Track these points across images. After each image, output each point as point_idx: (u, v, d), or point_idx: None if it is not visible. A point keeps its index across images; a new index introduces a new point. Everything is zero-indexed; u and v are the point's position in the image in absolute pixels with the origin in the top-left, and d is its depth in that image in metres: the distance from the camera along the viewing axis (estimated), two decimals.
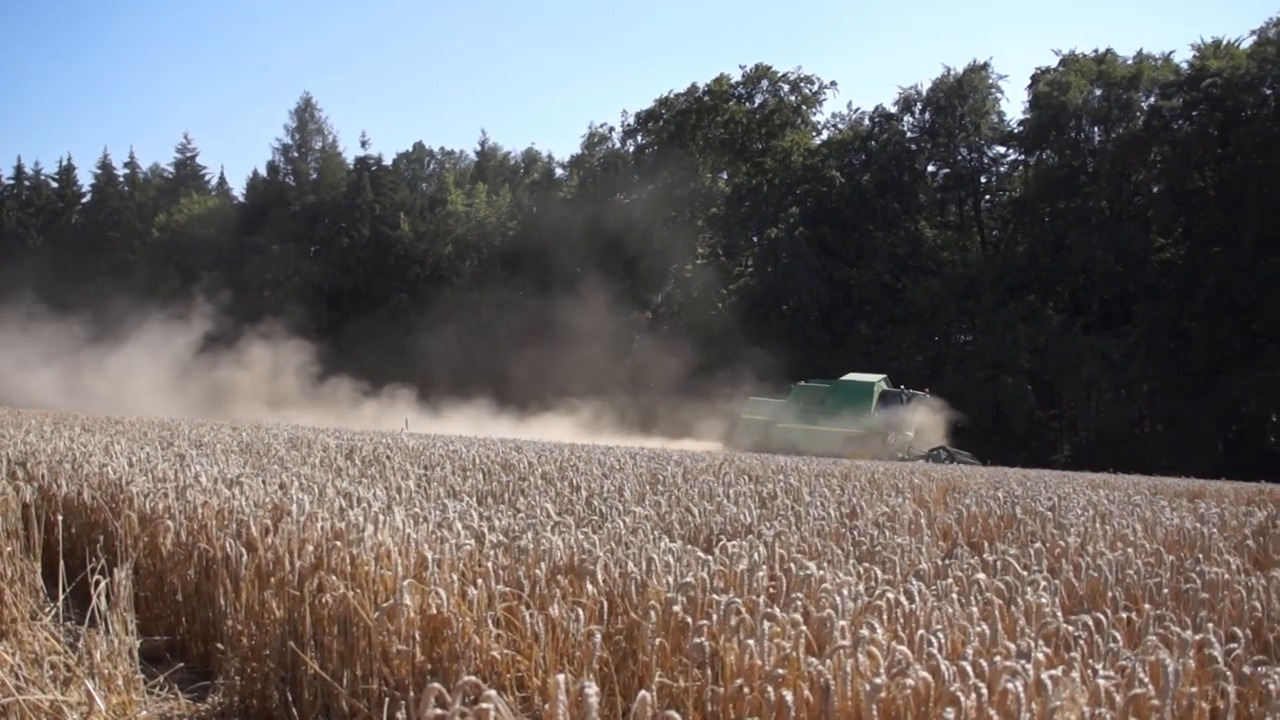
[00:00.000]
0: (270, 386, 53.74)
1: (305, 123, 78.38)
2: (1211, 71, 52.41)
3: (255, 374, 54.49)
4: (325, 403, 52.37)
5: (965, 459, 36.76)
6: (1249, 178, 50.06)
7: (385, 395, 54.14)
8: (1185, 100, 53.36)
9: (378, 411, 50.99)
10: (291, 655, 4.38)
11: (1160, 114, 53.98)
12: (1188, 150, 52.70)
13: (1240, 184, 50.55)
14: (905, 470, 16.61)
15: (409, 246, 70.45)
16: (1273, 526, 8.71)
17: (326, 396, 53.52)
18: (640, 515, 6.80)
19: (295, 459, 11.34)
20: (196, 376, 53.09)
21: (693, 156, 66.16)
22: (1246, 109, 51.36)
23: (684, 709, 3.53)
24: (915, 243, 60.68)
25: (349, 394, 54.20)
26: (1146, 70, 55.82)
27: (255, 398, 51.58)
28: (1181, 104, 53.48)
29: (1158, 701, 2.95)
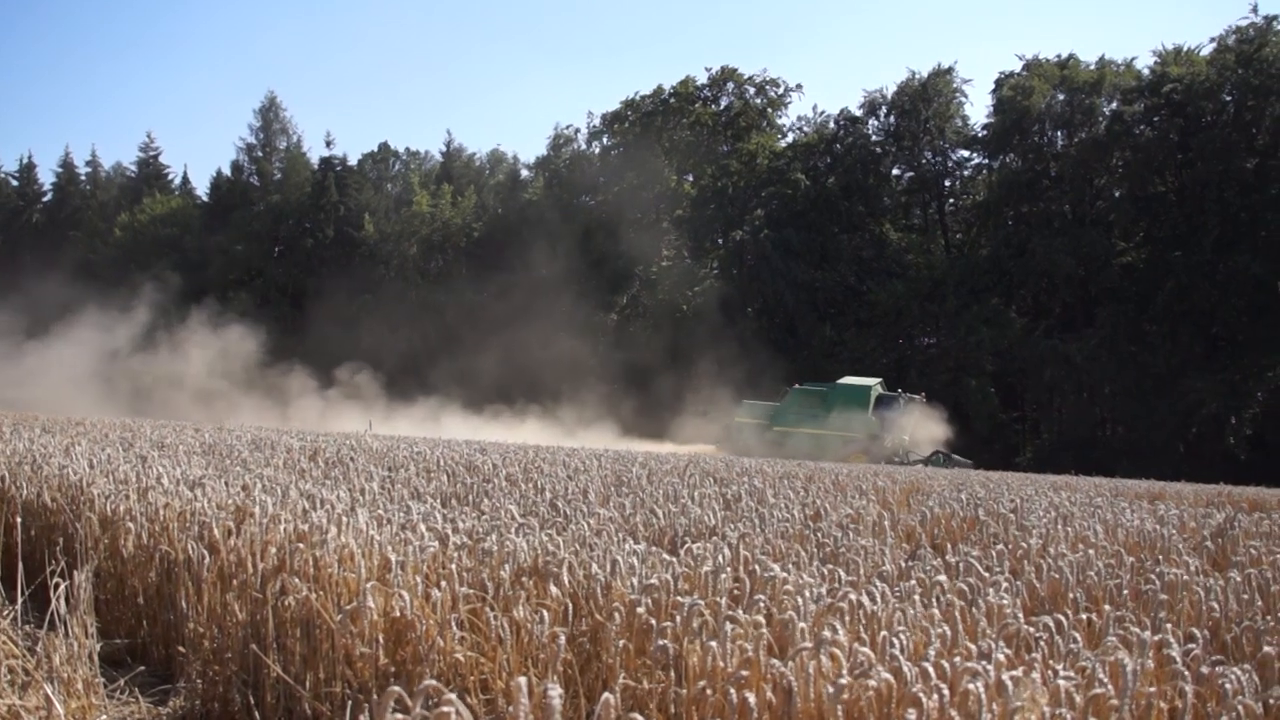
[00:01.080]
0: (211, 376, 52.22)
1: (270, 122, 77.94)
2: (1172, 78, 53.00)
3: (194, 364, 52.83)
4: (274, 393, 51.61)
5: (962, 463, 36.84)
6: (1209, 183, 50.60)
7: (339, 386, 53.46)
8: (1146, 106, 53.96)
9: (328, 406, 50.39)
10: (254, 658, 4.36)
11: (1122, 119, 54.51)
12: (1149, 155, 53.24)
13: (1200, 189, 51.08)
14: (869, 472, 16.67)
15: (374, 247, 70.17)
16: (1231, 528, 8.79)
17: (275, 386, 52.62)
18: (605, 517, 6.80)
19: (258, 460, 11.27)
20: (131, 369, 51.40)
21: (659, 158, 66.23)
22: (1206, 115, 51.96)
23: (648, 710, 3.54)
24: (880, 245, 61.00)
25: (300, 385, 53.27)
26: (1109, 75, 56.33)
27: (190, 391, 50.05)
28: (1143, 109, 54.07)
29: (1117, 701, 2.97)
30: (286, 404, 50.08)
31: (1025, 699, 2.95)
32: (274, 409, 48.82)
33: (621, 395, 54.78)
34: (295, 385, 53.11)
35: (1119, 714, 2.96)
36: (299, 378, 53.65)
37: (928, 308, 56.44)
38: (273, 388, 52.53)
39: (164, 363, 52.69)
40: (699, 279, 63.98)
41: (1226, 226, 49.88)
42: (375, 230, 70.67)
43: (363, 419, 42.64)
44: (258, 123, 78.08)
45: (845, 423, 40.20)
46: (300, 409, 49.38)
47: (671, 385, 54.24)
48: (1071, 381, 52.22)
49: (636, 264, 64.99)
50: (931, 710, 2.84)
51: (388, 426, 40.27)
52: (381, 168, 78.56)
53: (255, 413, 45.69)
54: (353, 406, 49.27)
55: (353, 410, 47.91)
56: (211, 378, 52.02)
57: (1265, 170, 50.28)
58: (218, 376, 52.15)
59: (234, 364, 53.44)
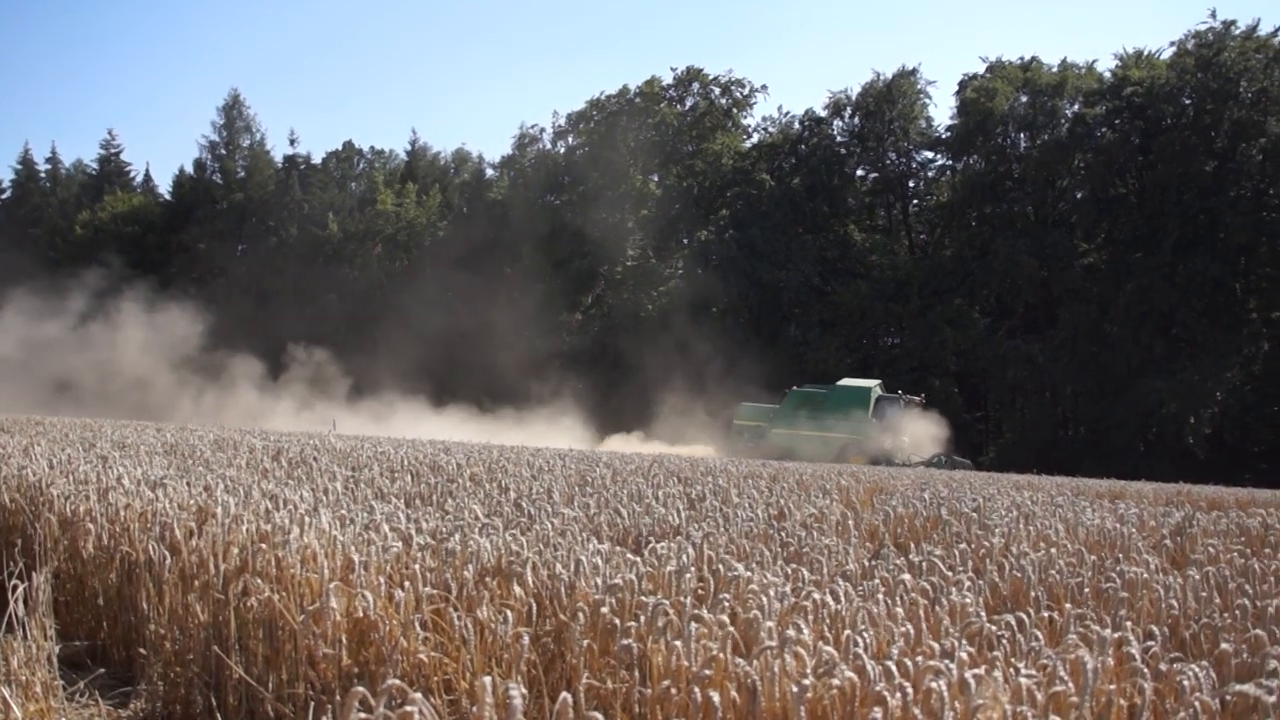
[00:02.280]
0: (143, 359, 50.00)
1: (233, 120, 77.26)
2: (1133, 81, 53.49)
3: (126, 350, 50.25)
4: (213, 375, 50.73)
5: (964, 465, 36.77)
6: (1169, 185, 51.08)
7: (292, 376, 52.81)
8: (1108, 108, 54.41)
9: (278, 401, 49.64)
10: (216, 659, 4.33)
11: (1084, 121, 54.94)
12: (1110, 157, 53.66)
13: (1160, 191, 51.58)
14: (833, 471, 16.73)
15: (338, 246, 69.78)
16: (1189, 527, 8.88)
17: (214, 367, 51.66)
18: (569, 517, 6.80)
19: (221, 461, 11.21)
20: (56, 357, 48.68)
21: (624, 158, 66.17)
22: (1166, 118, 52.45)
23: (612, 710, 3.54)
24: (844, 246, 61.21)
25: (242, 371, 52.19)
26: (1071, 78, 56.81)
27: (128, 379, 48.07)
28: (1104, 112, 54.51)
29: (1077, 699, 2.99)
30: (230, 394, 49.03)
31: (987, 697, 2.97)
32: (224, 402, 47.90)
33: (589, 394, 54.69)
34: (239, 371, 52.06)
35: (1079, 711, 2.99)
36: (240, 368, 52.44)
37: (891, 308, 56.69)
38: (214, 367, 51.61)
39: (95, 350, 49.92)
40: (664, 279, 64.04)
41: (1186, 228, 50.37)
42: (339, 229, 70.29)
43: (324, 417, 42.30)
44: (221, 120, 77.41)
45: (845, 425, 40.01)
46: (241, 399, 48.44)
47: (638, 386, 54.27)
48: (1034, 381, 52.63)
49: (602, 264, 64.98)
50: (895, 709, 2.86)
51: (348, 425, 39.90)
52: (346, 166, 78.13)
53: (194, 405, 44.58)
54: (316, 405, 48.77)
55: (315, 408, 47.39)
56: (148, 366, 50.09)
57: (1224, 173, 50.81)
58: (163, 366, 50.48)
59: (174, 350, 51.74)
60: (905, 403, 41.76)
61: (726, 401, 48.11)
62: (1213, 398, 48.50)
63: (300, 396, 50.41)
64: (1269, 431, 48.20)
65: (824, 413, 40.98)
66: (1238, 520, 9.71)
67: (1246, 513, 10.81)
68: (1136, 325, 50.48)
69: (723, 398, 48.72)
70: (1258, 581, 5.54)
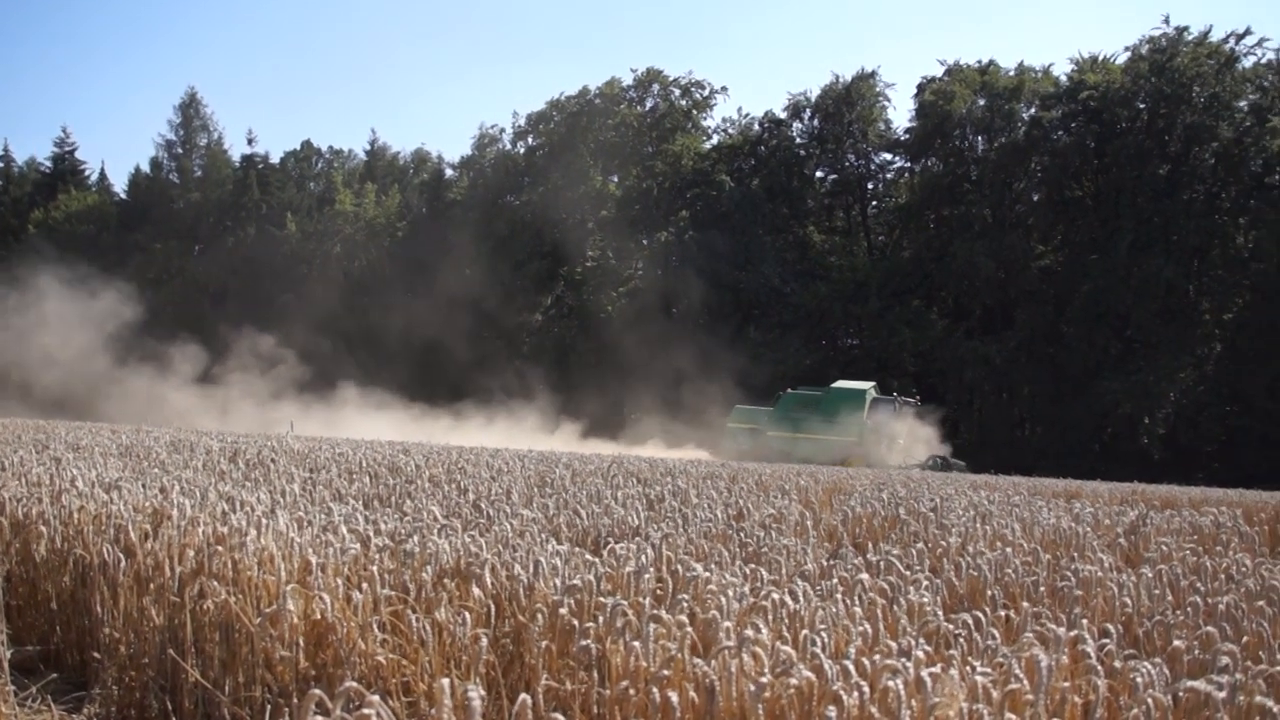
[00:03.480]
0: (64, 343, 47.60)
1: (190, 119, 76.60)
2: (1088, 85, 54.03)
3: (52, 333, 47.94)
4: (158, 365, 49.81)
5: (960, 467, 36.63)
6: (1123, 188, 51.64)
7: (229, 361, 52.04)
8: (1064, 112, 54.97)
9: (227, 397, 48.82)
10: (171, 663, 4.30)
11: (1040, 124, 55.47)
12: (1066, 160, 54.22)
13: (1115, 194, 52.11)
14: (792, 472, 16.78)
15: (296, 246, 69.37)
16: (1143, 525, 8.97)
17: (149, 350, 50.61)
18: (528, 518, 6.79)
19: (177, 462, 11.12)
20: None
21: (583, 159, 66.11)
22: (1121, 122, 53.01)
23: (571, 711, 3.54)
24: (803, 247, 61.44)
25: (180, 360, 50.98)
26: (1027, 82, 57.30)
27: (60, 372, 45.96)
28: (1060, 115, 55.07)
29: (1032, 696, 3.02)
30: (167, 384, 48.19)
31: (944, 695, 2.99)
32: (160, 394, 47.14)
33: (553, 395, 54.52)
34: (178, 357, 51.01)
35: (1034, 709, 3.01)
36: (178, 357, 51.24)
37: (850, 309, 56.93)
38: (147, 350, 50.72)
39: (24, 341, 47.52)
40: (624, 280, 64.06)
41: (1140, 231, 50.92)
42: (298, 229, 69.91)
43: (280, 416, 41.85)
44: (178, 119, 76.72)
45: (840, 427, 39.80)
46: (178, 394, 47.75)
47: (598, 388, 54.25)
48: (991, 382, 53.02)
49: (561, 265, 64.95)
50: (852, 707, 2.87)
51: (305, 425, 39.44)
52: (304, 166, 77.73)
53: (124, 404, 43.52)
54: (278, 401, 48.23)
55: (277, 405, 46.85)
56: (76, 356, 47.75)
57: (1177, 176, 51.43)
58: (91, 354, 48.26)
59: (114, 339, 49.89)
60: (900, 404, 41.61)
61: (691, 403, 48.17)
62: (1167, 398, 48.98)
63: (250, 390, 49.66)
64: (1221, 431, 48.74)
65: (818, 415, 40.76)
66: (1190, 519, 9.83)
67: (1199, 511, 10.93)
68: (1092, 326, 51.02)
69: (687, 399, 48.77)
70: (1209, 579, 5.61)
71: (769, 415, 42.31)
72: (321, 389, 51.91)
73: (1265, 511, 12.19)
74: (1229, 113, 51.42)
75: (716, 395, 47.42)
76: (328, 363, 57.37)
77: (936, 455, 38.96)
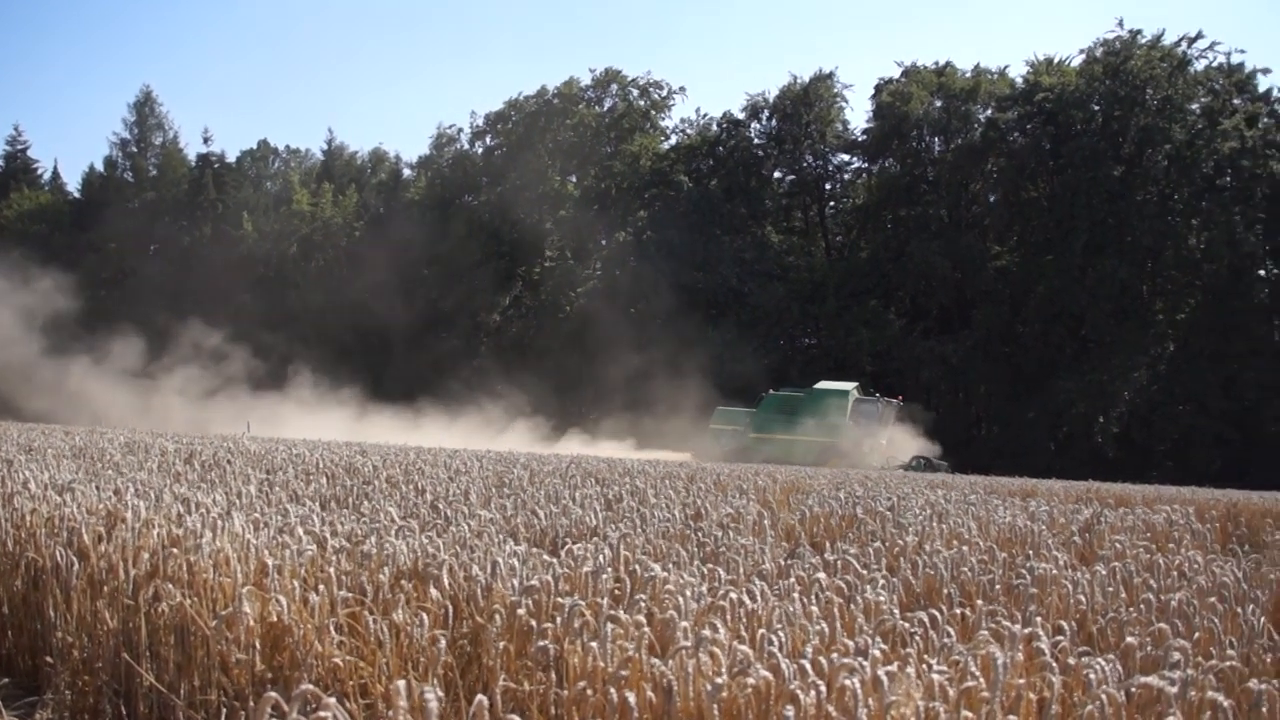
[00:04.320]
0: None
1: (145, 117, 75.83)
2: (1044, 87, 54.60)
3: None
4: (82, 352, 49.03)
5: (943, 468, 36.53)
6: (1078, 189, 52.09)
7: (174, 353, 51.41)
8: (1020, 114, 55.43)
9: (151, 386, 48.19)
10: (125, 667, 4.26)
11: (996, 126, 55.92)
12: (1022, 161, 54.72)
13: (1070, 195, 52.56)
14: (750, 471, 16.82)
15: (253, 246, 68.85)
16: (1097, 523, 9.06)
17: (85, 345, 49.93)
18: (486, 518, 6.78)
19: (131, 464, 11.02)
20: None
21: (542, 159, 66.02)
22: (1076, 124, 53.50)
23: (529, 712, 3.53)
24: (761, 247, 61.56)
25: (121, 351, 50.21)
26: (984, 84, 57.80)
27: None
28: (1016, 117, 55.52)
29: (988, 693, 3.04)
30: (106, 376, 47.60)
31: (900, 693, 3.00)
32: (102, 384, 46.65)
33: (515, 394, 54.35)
34: (118, 349, 50.18)
35: (989, 706, 3.03)
36: (119, 349, 50.38)
37: (808, 309, 57.22)
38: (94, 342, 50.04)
39: None
40: (582, 280, 64.05)
41: (1095, 232, 51.43)
42: (254, 229, 69.39)
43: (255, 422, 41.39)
44: (132, 117, 75.94)
45: (823, 428, 39.69)
46: (117, 389, 47.10)
47: (556, 387, 54.17)
48: (948, 381, 53.42)
49: (519, 265, 64.85)
50: (809, 707, 2.88)
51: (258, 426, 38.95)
52: (261, 165, 77.19)
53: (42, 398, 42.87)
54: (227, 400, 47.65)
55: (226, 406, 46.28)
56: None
57: (1131, 178, 51.98)
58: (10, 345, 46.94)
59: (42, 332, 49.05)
60: (883, 405, 41.62)
61: (652, 403, 48.25)
62: (1121, 397, 49.49)
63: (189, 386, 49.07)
64: (1174, 430, 49.26)
65: (801, 416, 40.70)
66: (1144, 517, 9.94)
67: (1152, 509, 11.05)
68: (1047, 326, 51.54)
69: (648, 399, 48.84)
70: (1162, 576, 5.67)
71: (752, 416, 42.24)
72: (274, 387, 51.51)
73: (1216, 509, 12.34)
74: (1181, 115, 52.08)
75: (677, 395, 47.47)
76: (281, 363, 56.94)
77: (920, 456, 38.99)
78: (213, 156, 74.12)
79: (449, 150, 71.91)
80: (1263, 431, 48.13)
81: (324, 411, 46.72)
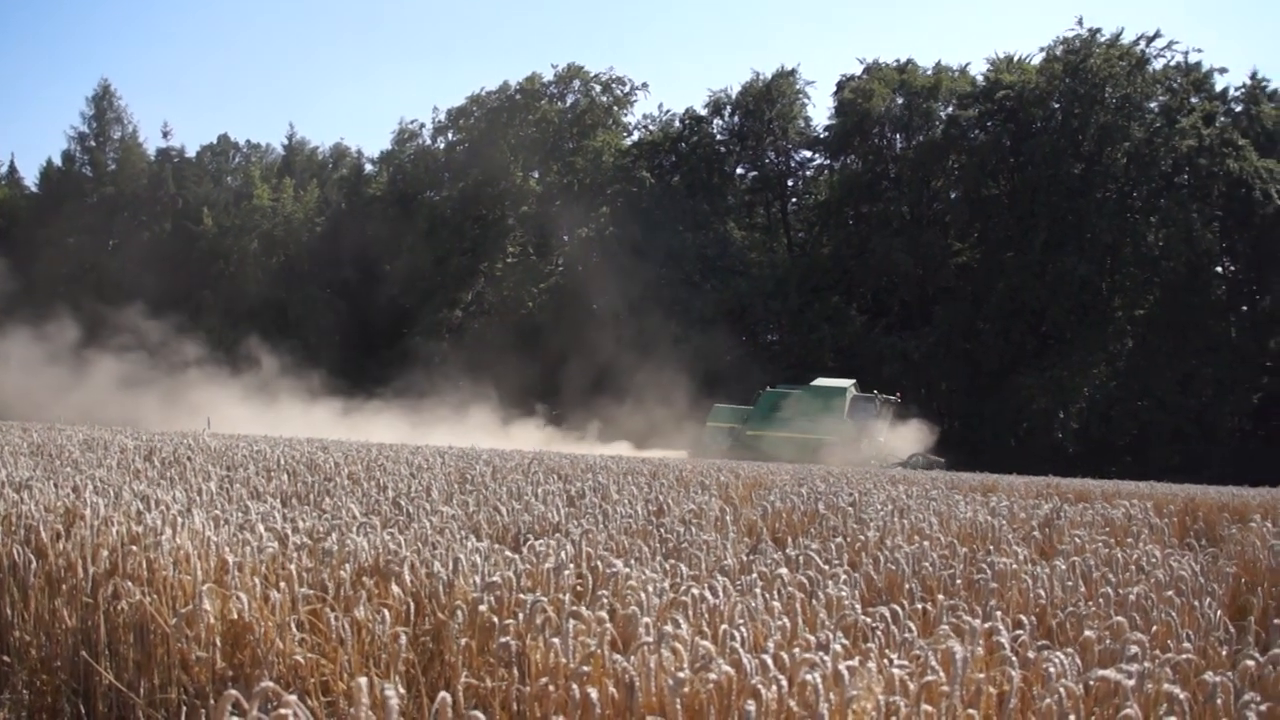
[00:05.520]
0: None
1: (103, 111, 74.94)
2: (1004, 85, 54.91)
3: None
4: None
5: (939, 465, 36.13)
6: (1038, 187, 52.46)
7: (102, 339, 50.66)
8: (981, 111, 55.75)
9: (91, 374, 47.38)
10: (84, 666, 4.23)
11: (958, 123, 56.20)
12: (983, 159, 55.00)
13: (1031, 193, 52.91)
14: (712, 468, 16.86)
15: (213, 241, 68.29)
16: (1057, 518, 9.14)
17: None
18: (448, 515, 6.76)
19: (90, 461, 10.92)
20: None
21: (504, 154, 65.83)
22: (1036, 121, 53.92)
23: (491, 708, 3.53)
24: (724, 244, 61.60)
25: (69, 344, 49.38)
26: (945, 81, 58.11)
27: None
28: (977, 114, 55.84)
29: (948, 688, 3.06)
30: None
31: (861, 688, 3.02)
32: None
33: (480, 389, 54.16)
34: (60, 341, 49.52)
35: (950, 700, 3.05)
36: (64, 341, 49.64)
37: (770, 305, 57.27)
38: None
39: None
40: (544, 276, 63.97)
41: (1055, 229, 51.80)
42: (215, 224, 68.83)
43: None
44: (90, 111, 74.98)
45: (820, 425, 39.38)
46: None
47: (520, 383, 54.00)
48: (909, 378, 53.58)
49: (482, 261, 64.66)
50: (771, 701, 2.89)
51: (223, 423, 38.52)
52: (221, 160, 76.50)
53: None
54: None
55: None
56: None
57: (1090, 176, 52.38)
58: None
59: None
60: (881, 402, 41.44)
61: (617, 399, 48.25)
62: (1080, 393, 49.93)
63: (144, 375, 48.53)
64: (1133, 426, 49.71)
65: (798, 413, 40.38)
66: (1103, 512, 10.02)
67: (1111, 504, 11.14)
68: (1008, 323, 51.89)
69: (613, 395, 48.82)
70: (1120, 570, 5.73)
71: (748, 414, 42.00)
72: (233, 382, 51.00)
73: (1174, 504, 12.45)
74: (1140, 113, 52.55)
75: (641, 391, 47.49)
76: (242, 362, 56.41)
77: (918, 454, 38.78)
78: (172, 151, 73.51)
79: (411, 145, 71.62)
80: (1220, 427, 48.71)
81: (285, 408, 46.43)
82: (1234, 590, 5.95)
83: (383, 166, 73.08)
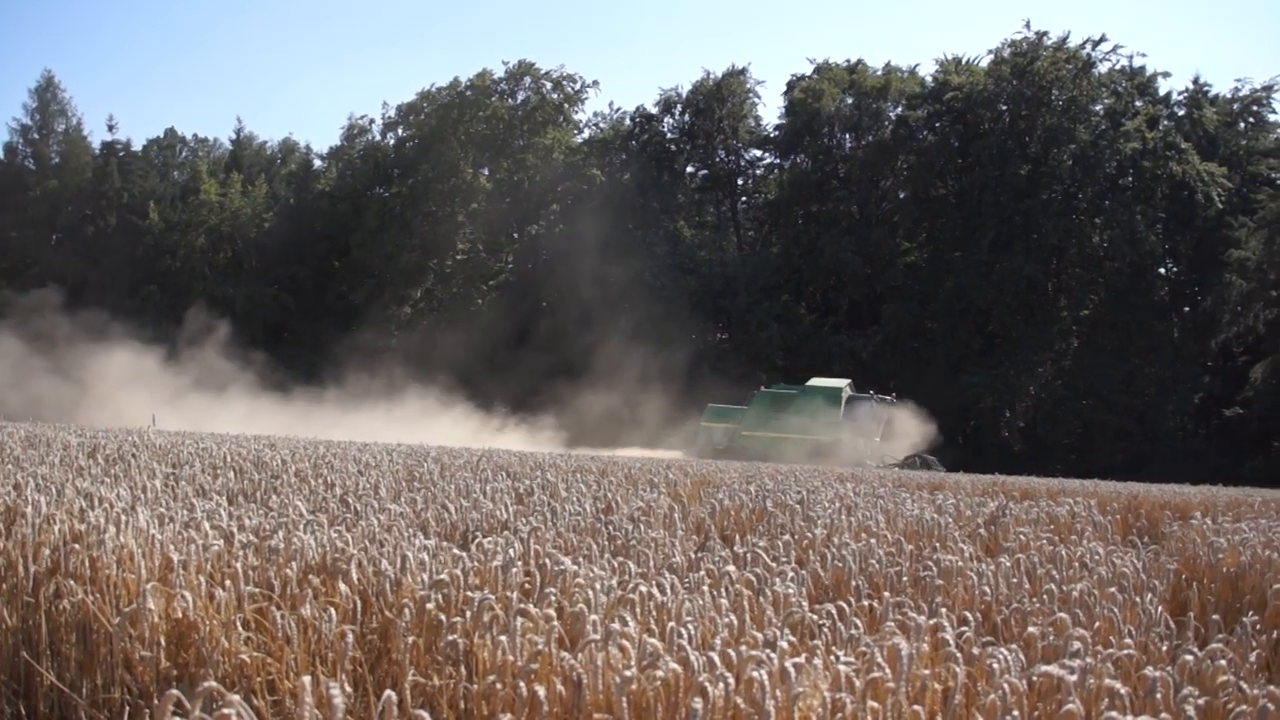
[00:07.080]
0: None
1: (47, 103, 73.81)
2: (953, 86, 55.46)
3: None
4: None
5: (938, 466, 35.76)
6: (986, 187, 53.00)
7: None
8: (929, 112, 56.33)
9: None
10: (25, 666, 4.18)
11: (906, 124, 56.73)
12: (931, 159, 55.54)
13: (978, 193, 53.45)
14: (661, 465, 16.87)
15: (159, 237, 67.53)
16: (1002, 516, 9.22)
17: None
18: (395, 512, 6.73)
19: (32, 458, 10.77)
20: None
21: (454, 151, 65.58)
22: (984, 122, 54.49)
23: (438, 707, 3.52)
24: (674, 242, 61.71)
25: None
26: (894, 82, 58.60)
27: None
28: (926, 115, 56.40)
29: (893, 684, 3.08)
30: None
31: (807, 685, 3.04)
32: None
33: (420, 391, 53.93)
34: None
35: (895, 696, 3.08)
36: None
37: (720, 304, 57.42)
38: None
39: None
40: (494, 273, 63.83)
41: (1002, 229, 52.36)
42: (161, 219, 68.06)
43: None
44: (33, 103, 73.89)
45: (816, 425, 39.14)
46: None
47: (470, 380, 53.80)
48: (857, 376, 53.86)
49: (431, 258, 64.37)
50: (717, 699, 2.90)
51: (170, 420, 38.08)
52: (168, 154, 75.75)
53: None
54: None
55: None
56: None
57: (1036, 177, 53.00)
58: None
59: None
60: (877, 402, 41.41)
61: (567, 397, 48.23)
62: (1026, 392, 50.49)
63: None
64: (1077, 424, 50.32)
65: (794, 413, 40.11)
66: (1047, 509, 10.12)
67: (1056, 502, 11.26)
68: (955, 322, 52.37)
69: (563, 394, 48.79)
70: (1064, 567, 5.79)
71: (743, 414, 41.77)
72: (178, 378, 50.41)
73: (1117, 502, 12.61)
74: (1085, 116, 53.22)
75: (592, 388, 47.50)
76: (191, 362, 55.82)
77: (915, 454, 38.63)
78: (118, 144, 72.47)
79: (360, 141, 71.18)
80: (1162, 426, 49.40)
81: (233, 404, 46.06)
82: (1175, 586, 6.03)
83: (332, 162, 72.53)
